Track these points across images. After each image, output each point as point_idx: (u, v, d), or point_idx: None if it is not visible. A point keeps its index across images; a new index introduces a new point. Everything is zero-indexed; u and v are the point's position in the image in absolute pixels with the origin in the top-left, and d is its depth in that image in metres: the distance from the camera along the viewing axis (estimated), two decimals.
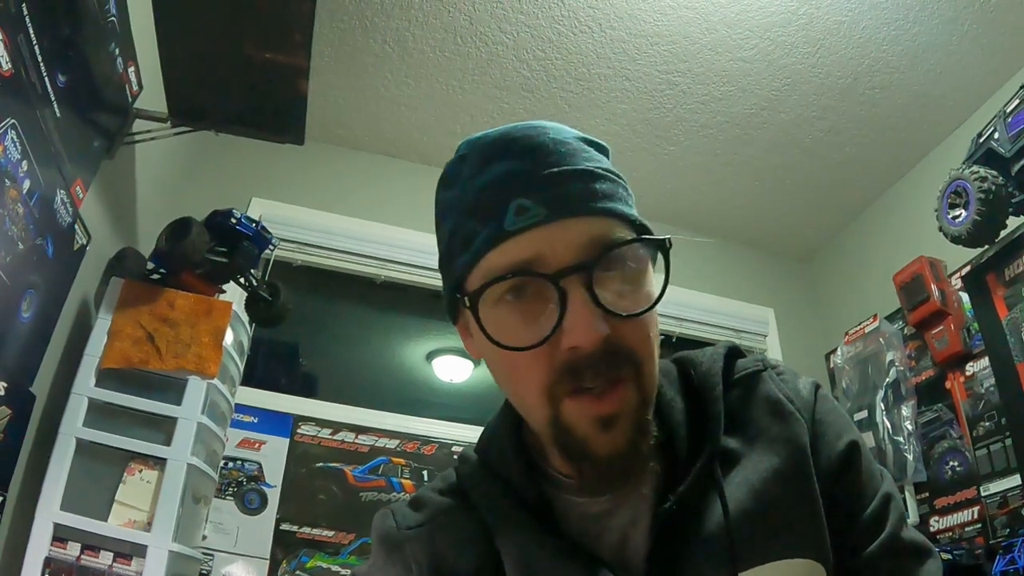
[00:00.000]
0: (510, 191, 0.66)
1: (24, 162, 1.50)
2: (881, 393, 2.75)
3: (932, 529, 2.54)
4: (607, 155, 0.75)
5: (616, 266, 0.65)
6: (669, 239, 0.68)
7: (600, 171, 0.69)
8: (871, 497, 0.72)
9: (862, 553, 0.70)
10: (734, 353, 0.81)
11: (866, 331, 2.92)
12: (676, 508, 0.68)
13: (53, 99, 1.61)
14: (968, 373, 2.55)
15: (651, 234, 0.68)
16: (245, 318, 2.30)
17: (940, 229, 2.35)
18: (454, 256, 0.71)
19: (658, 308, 0.68)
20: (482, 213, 0.67)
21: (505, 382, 0.72)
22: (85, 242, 1.90)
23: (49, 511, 1.69)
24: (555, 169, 0.67)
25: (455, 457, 0.85)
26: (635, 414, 0.65)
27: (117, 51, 1.95)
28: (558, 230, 0.64)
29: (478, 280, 0.67)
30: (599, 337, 0.62)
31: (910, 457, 2.61)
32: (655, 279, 0.69)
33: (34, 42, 1.49)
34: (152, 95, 2.17)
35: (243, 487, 2.54)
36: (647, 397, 0.67)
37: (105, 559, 1.70)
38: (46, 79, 1.57)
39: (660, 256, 0.69)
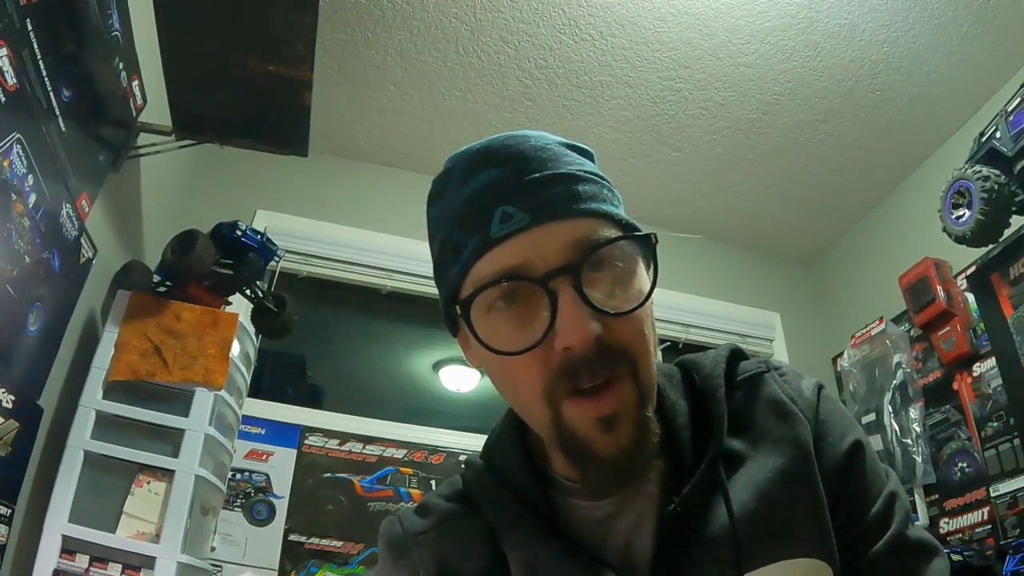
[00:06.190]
0: (494, 199, 0.67)
1: (30, 176, 1.51)
2: (888, 395, 2.74)
3: (942, 531, 2.53)
4: (592, 159, 0.75)
5: (605, 266, 0.66)
6: (654, 235, 0.68)
7: (582, 173, 0.69)
8: (876, 496, 0.72)
9: (868, 552, 0.69)
10: (737, 355, 0.82)
11: (872, 334, 2.91)
12: (680, 510, 0.68)
13: (58, 113, 1.63)
14: (975, 374, 2.54)
15: (638, 232, 0.69)
16: (251, 329, 2.31)
17: (944, 229, 2.34)
18: (446, 268, 0.72)
19: (663, 314, 0.68)
20: (469, 223, 0.68)
21: (505, 388, 0.72)
22: (91, 255, 1.91)
23: (58, 523, 1.69)
24: (536, 175, 0.67)
25: (462, 466, 0.85)
26: (635, 412, 0.66)
27: (121, 65, 1.96)
28: (543, 234, 0.65)
29: (469, 289, 0.68)
30: (591, 336, 0.62)
31: (919, 459, 2.60)
32: (647, 277, 0.69)
33: (39, 57, 1.51)
34: (156, 109, 2.19)
35: (251, 498, 2.54)
36: (646, 394, 0.67)
37: (114, 571, 1.71)
38: (51, 94, 1.58)
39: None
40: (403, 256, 3.09)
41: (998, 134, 2.17)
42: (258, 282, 2.28)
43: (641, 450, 0.66)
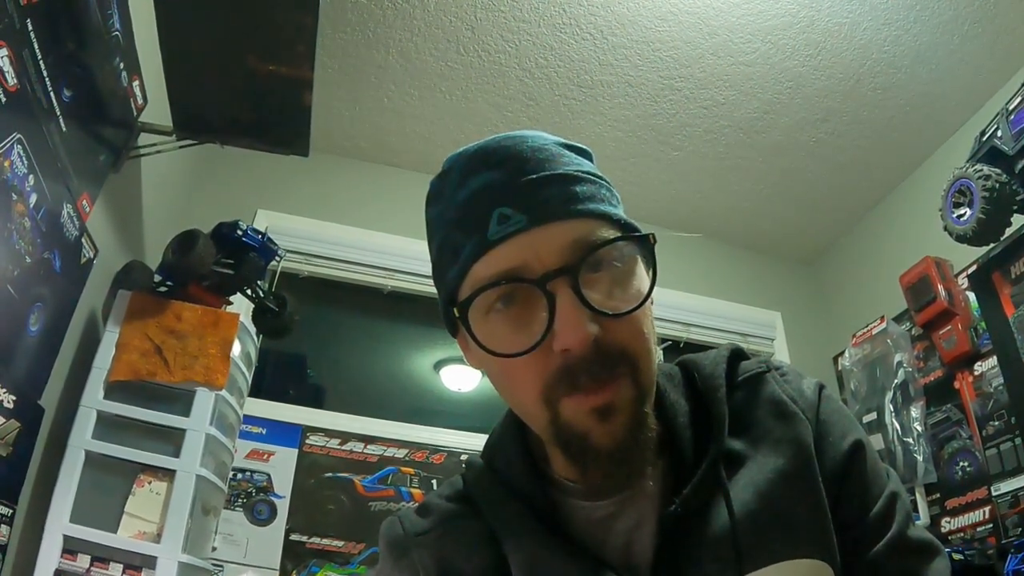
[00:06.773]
0: (491, 201, 0.67)
1: (31, 176, 1.51)
2: (890, 395, 2.74)
3: (944, 530, 2.52)
4: (590, 159, 0.75)
5: (603, 266, 0.66)
6: (653, 235, 0.68)
7: (580, 174, 0.69)
8: (877, 496, 0.72)
9: (869, 552, 0.69)
10: (738, 355, 0.81)
11: (873, 333, 2.91)
12: (681, 510, 0.68)
13: (59, 114, 1.63)
14: (977, 372, 2.54)
15: (637, 232, 0.69)
16: (252, 329, 2.31)
17: (945, 228, 2.34)
18: (445, 270, 0.72)
19: (664, 313, 0.68)
20: (466, 225, 0.68)
21: (504, 389, 0.72)
22: (92, 255, 1.91)
23: (59, 523, 1.69)
24: (534, 176, 0.67)
25: (463, 466, 0.85)
26: (632, 406, 0.65)
27: (121, 65, 1.96)
28: (540, 235, 0.65)
29: (467, 291, 0.68)
30: (588, 337, 0.62)
31: (920, 458, 2.59)
32: (647, 277, 0.69)
33: (39, 57, 1.50)
34: (157, 109, 2.18)
35: (252, 498, 2.54)
36: (644, 392, 0.67)
37: (115, 571, 1.71)
38: (51, 94, 1.58)
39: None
40: (404, 256, 3.09)
41: (999, 133, 2.17)
42: (259, 282, 2.28)
43: (637, 442, 0.66)
